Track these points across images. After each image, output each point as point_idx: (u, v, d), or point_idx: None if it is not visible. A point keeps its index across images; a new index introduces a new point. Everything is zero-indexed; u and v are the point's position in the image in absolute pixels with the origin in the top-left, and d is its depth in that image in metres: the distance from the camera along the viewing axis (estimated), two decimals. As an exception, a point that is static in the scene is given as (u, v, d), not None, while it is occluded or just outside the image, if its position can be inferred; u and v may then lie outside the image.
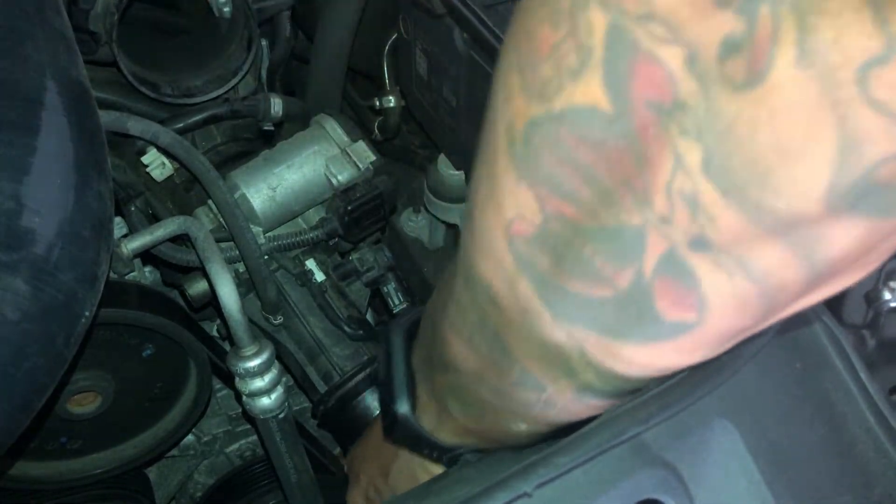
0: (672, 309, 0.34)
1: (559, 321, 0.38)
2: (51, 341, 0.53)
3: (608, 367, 0.38)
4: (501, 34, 0.76)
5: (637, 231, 0.32)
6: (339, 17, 1.01)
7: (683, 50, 0.28)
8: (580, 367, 0.39)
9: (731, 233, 0.30)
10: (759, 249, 0.30)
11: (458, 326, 0.46)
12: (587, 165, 0.32)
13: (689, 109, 0.28)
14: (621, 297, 0.34)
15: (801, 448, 0.48)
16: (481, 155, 0.39)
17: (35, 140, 0.54)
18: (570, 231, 0.34)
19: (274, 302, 0.84)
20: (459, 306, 0.45)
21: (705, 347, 0.36)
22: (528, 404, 0.44)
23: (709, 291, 0.32)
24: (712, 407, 0.46)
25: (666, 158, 0.30)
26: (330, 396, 0.84)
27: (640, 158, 0.30)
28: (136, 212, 0.85)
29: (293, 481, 0.81)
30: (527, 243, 0.37)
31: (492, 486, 0.40)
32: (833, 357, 0.51)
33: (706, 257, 0.31)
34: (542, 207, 0.35)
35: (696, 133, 0.28)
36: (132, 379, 0.82)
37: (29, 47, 0.58)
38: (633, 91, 0.29)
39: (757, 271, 0.31)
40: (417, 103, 1.03)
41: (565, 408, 0.43)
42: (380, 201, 0.86)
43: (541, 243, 0.36)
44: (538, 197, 0.35)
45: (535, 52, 0.33)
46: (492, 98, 0.37)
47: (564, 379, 0.40)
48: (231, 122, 0.94)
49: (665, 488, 0.43)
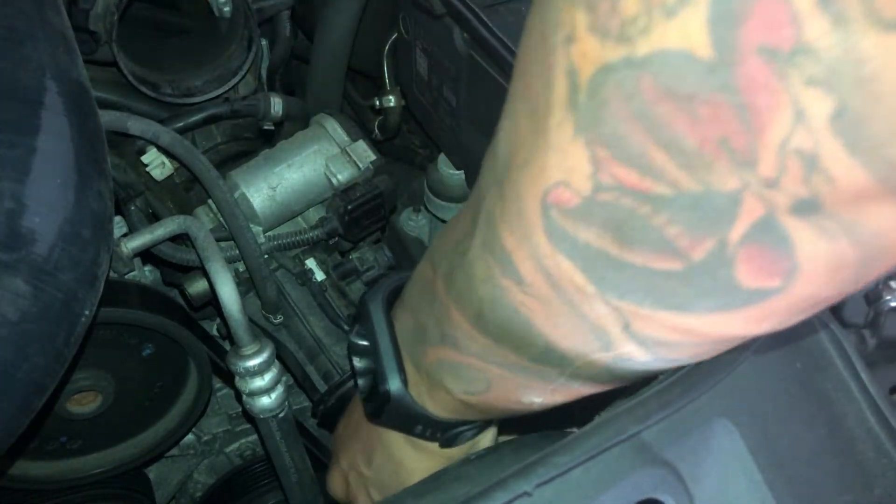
0: (754, 277, 0.30)
1: (606, 295, 0.34)
2: (51, 341, 0.53)
3: (656, 338, 0.35)
4: (501, 34, 0.76)
5: (730, 197, 0.28)
6: (339, 17, 1.01)
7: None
8: (620, 341, 0.36)
9: (850, 194, 0.27)
10: (874, 211, 0.27)
11: (465, 301, 0.42)
12: (667, 124, 0.27)
13: (816, 54, 0.24)
14: (693, 269, 0.31)
15: (801, 447, 0.48)
16: (521, 106, 0.34)
17: (35, 140, 0.54)
18: (631, 201, 0.30)
19: (274, 301, 0.84)
20: (470, 278, 0.41)
21: (778, 317, 0.33)
22: (547, 378, 0.41)
23: (803, 258, 0.29)
24: (712, 406, 0.46)
25: (782, 113, 0.26)
26: (330, 396, 0.83)
27: (743, 114, 0.26)
28: (136, 211, 0.85)
29: (293, 481, 0.82)
30: (567, 215, 0.32)
31: (492, 486, 0.40)
32: (833, 356, 0.51)
33: (808, 221, 0.28)
34: (596, 173, 0.30)
35: (826, 82, 0.25)
36: (132, 378, 0.82)
37: (29, 47, 0.58)
38: (745, 35, 0.25)
39: (865, 234, 0.28)
40: (417, 103, 1.03)
41: (592, 380, 0.41)
42: (380, 201, 0.86)
43: (587, 215, 0.32)
44: (594, 159, 0.30)
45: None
46: (537, 38, 0.32)
47: (599, 353, 0.37)
48: (231, 122, 0.94)
49: (665, 488, 0.43)
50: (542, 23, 0.31)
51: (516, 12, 0.85)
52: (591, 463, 0.42)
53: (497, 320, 0.40)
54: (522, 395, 0.44)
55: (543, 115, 0.32)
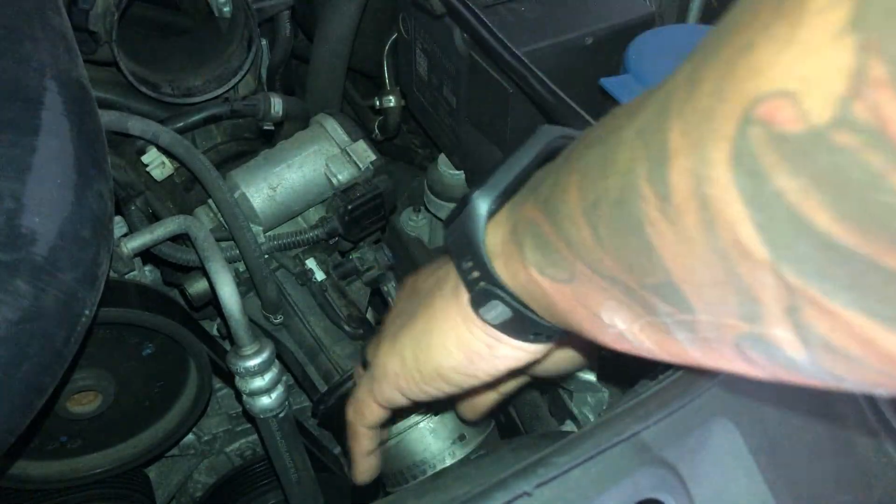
0: None
1: (782, 268, 0.25)
2: (51, 341, 0.53)
3: (829, 340, 0.26)
4: (500, 34, 0.76)
5: None
6: (339, 17, 1.01)
7: None
8: (773, 320, 0.27)
9: None
10: None
11: (588, 181, 0.33)
12: None
13: None
14: None
15: (801, 447, 0.48)
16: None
17: (35, 140, 0.54)
18: (883, 160, 0.20)
19: (274, 301, 0.84)
20: (606, 161, 0.32)
21: None
22: (649, 310, 0.32)
23: None
24: (712, 406, 0.46)
25: None
26: (330, 395, 0.83)
27: None
28: (136, 211, 0.85)
29: (293, 480, 0.82)
30: (775, 143, 0.23)
31: (492, 486, 0.40)
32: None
33: None
34: (852, 97, 0.20)
35: None
36: (132, 378, 0.82)
37: (29, 47, 0.58)
38: None
39: None
40: (417, 103, 1.04)
41: (704, 341, 0.31)
42: (380, 201, 0.87)
43: (804, 154, 0.22)
44: (858, 75, 0.20)
45: None
46: None
47: (737, 320, 0.29)
48: (231, 122, 0.94)
49: (665, 488, 0.43)
50: None
51: (516, 12, 0.85)
52: (591, 463, 0.42)
53: (613, 224, 0.31)
54: (606, 309, 0.35)
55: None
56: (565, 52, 0.82)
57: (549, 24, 0.83)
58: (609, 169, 0.31)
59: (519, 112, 0.82)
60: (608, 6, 0.86)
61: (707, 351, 0.32)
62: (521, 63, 0.74)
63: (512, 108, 0.81)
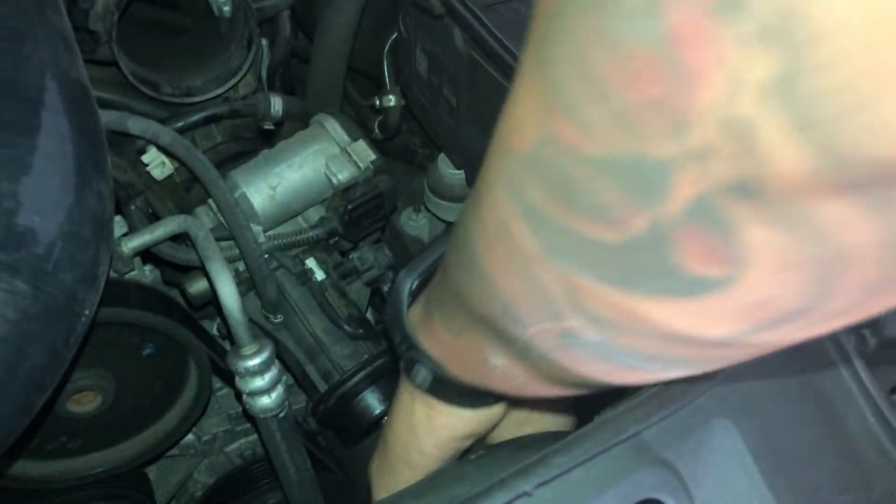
0: (694, 261, 0.27)
1: (551, 259, 0.32)
2: (51, 341, 0.53)
3: (603, 316, 0.32)
4: (500, 34, 0.76)
5: (662, 167, 0.25)
6: (339, 17, 1.01)
7: None
8: (567, 312, 0.33)
9: (795, 181, 0.23)
10: (830, 208, 0.23)
11: (453, 260, 0.42)
12: (602, 75, 0.24)
13: (747, 6, 0.20)
14: (630, 242, 0.28)
15: (801, 448, 0.48)
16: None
17: (35, 140, 0.54)
18: (569, 160, 0.28)
19: (274, 301, 0.84)
20: (457, 243, 0.41)
21: (733, 318, 0.30)
22: (509, 339, 0.39)
23: (747, 248, 0.26)
24: (712, 407, 0.46)
25: (717, 73, 0.22)
26: (330, 395, 0.84)
27: (677, 70, 0.22)
28: (136, 211, 0.85)
29: (293, 480, 0.82)
30: (519, 164, 0.31)
31: (492, 486, 0.40)
32: (833, 356, 0.51)
33: (751, 207, 0.24)
34: (542, 122, 0.28)
35: (767, 41, 0.20)
36: (132, 378, 0.82)
37: (29, 47, 0.58)
38: None
39: (820, 232, 0.24)
40: (417, 102, 1.03)
41: (550, 353, 0.38)
42: (380, 200, 0.86)
43: (533, 168, 0.30)
44: (542, 110, 0.28)
45: None
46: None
47: (549, 322, 0.35)
48: (231, 122, 0.94)
49: (665, 488, 0.43)
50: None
51: (516, 12, 0.85)
52: (591, 463, 0.42)
53: (462, 264, 0.40)
54: (486, 349, 0.42)
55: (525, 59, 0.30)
56: (565, 52, 0.82)
57: (549, 23, 0.83)
58: (459, 223, 0.40)
59: (519, 112, 0.82)
60: (608, 6, 0.86)
61: (553, 365, 0.39)
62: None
63: (512, 108, 0.81)
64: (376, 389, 0.84)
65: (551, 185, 0.29)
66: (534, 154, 0.29)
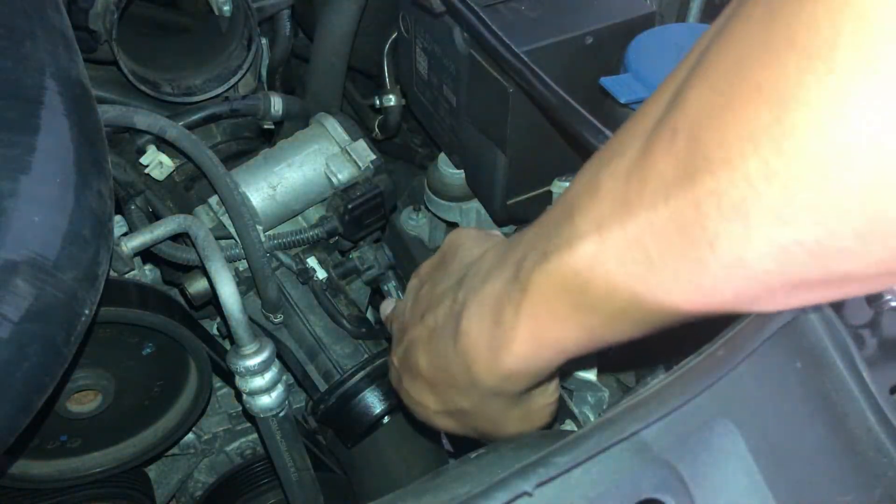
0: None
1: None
2: (51, 340, 0.53)
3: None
4: (500, 33, 0.76)
5: None
6: (339, 16, 1.01)
7: None
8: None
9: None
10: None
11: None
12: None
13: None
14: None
15: (801, 448, 0.48)
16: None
17: (35, 139, 0.54)
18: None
19: (274, 300, 0.84)
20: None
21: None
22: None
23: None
24: (712, 406, 0.46)
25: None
26: (330, 395, 0.84)
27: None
28: (136, 210, 0.85)
29: (293, 480, 0.82)
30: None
31: (492, 486, 0.40)
32: (834, 356, 0.51)
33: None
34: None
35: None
36: (132, 377, 0.82)
37: (29, 46, 0.58)
38: None
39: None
40: (417, 102, 1.03)
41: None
42: (380, 200, 0.86)
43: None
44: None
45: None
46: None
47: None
48: (231, 121, 0.94)
49: (665, 488, 0.43)
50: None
51: (516, 11, 0.85)
52: (591, 463, 0.42)
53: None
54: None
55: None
56: (565, 52, 0.82)
57: (549, 23, 0.83)
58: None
59: (519, 111, 0.82)
60: (608, 5, 0.86)
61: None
62: (522, 62, 0.74)
63: (512, 108, 0.81)
64: (376, 389, 0.84)
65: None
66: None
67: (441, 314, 0.51)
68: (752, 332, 0.47)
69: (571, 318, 0.41)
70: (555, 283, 0.40)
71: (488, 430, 0.55)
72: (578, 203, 0.39)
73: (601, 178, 0.38)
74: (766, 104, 0.28)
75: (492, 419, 0.53)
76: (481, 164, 0.92)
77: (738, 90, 0.30)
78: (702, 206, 0.31)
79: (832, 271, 0.30)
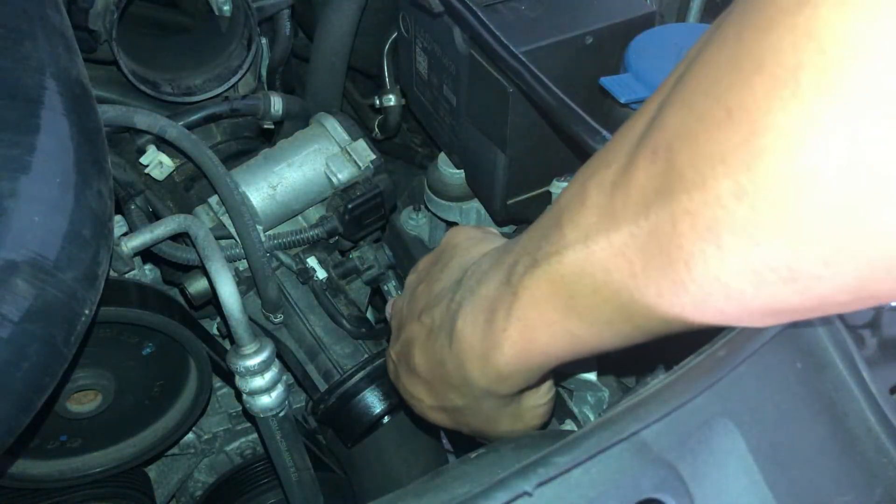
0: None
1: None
2: (51, 340, 0.53)
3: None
4: (500, 33, 0.76)
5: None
6: (339, 16, 1.01)
7: None
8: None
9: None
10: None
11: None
12: None
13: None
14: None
15: (802, 447, 0.48)
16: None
17: (35, 139, 0.54)
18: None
19: (274, 300, 0.84)
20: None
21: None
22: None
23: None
24: (712, 406, 0.46)
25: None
26: (330, 395, 0.84)
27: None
28: (136, 210, 0.85)
29: (293, 480, 0.82)
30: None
31: (492, 486, 0.40)
32: (834, 356, 0.51)
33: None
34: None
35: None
36: (132, 377, 0.82)
37: (29, 46, 0.58)
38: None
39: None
40: (417, 102, 1.03)
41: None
42: (380, 200, 0.86)
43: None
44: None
45: None
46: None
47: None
48: (231, 121, 0.94)
49: (666, 488, 0.43)
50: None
51: (516, 11, 0.85)
52: (591, 463, 0.42)
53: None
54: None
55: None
56: (565, 52, 0.82)
57: (549, 23, 0.83)
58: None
59: (519, 111, 0.82)
60: (608, 5, 0.86)
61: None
62: (521, 62, 0.73)
63: (512, 108, 0.81)
64: (376, 389, 0.84)
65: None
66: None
67: (438, 314, 0.51)
68: (753, 332, 0.47)
69: (560, 323, 0.42)
70: (544, 290, 0.41)
71: (481, 428, 0.55)
72: (568, 211, 0.40)
73: (589, 187, 0.39)
74: (736, 127, 0.29)
75: (485, 417, 0.54)
76: (481, 163, 0.92)
77: (711, 112, 0.30)
78: (678, 224, 0.32)
79: (807, 297, 0.30)
